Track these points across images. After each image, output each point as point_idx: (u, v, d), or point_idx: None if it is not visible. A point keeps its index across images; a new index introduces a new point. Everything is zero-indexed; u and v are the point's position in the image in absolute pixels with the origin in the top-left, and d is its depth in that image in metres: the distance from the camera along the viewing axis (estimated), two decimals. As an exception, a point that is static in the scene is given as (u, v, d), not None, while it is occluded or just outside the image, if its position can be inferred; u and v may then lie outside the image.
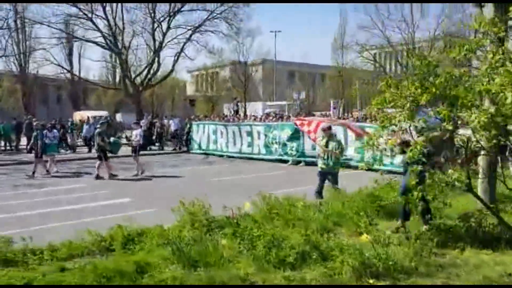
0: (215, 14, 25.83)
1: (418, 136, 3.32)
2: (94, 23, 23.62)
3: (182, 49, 26.17)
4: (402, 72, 44.61)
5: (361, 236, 4.34)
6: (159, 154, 19.29)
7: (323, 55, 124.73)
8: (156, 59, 25.75)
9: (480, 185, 6.27)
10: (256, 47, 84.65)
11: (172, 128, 20.77)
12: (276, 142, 15.22)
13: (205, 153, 17.98)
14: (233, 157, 16.68)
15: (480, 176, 5.88)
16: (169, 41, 25.64)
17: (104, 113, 35.21)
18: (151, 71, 26.39)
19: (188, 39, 26.02)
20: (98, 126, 13.64)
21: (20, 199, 8.91)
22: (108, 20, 24.06)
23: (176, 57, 26.42)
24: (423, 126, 3.17)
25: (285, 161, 14.68)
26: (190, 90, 66.64)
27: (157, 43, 25.86)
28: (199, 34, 26.48)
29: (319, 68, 57.62)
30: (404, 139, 4.51)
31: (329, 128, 7.99)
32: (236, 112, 30.24)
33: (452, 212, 5.49)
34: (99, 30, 23.95)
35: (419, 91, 2.89)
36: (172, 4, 25.21)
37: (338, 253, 4.22)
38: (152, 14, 25.70)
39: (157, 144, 20.93)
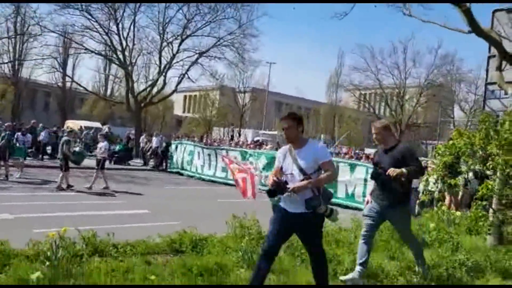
0: (223, 41, 26.81)
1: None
2: (110, 39, 24.24)
3: (187, 71, 26.91)
4: (390, 114, 46.56)
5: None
6: (137, 169, 19.66)
7: (314, 91, 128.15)
8: (162, 78, 26.37)
9: (493, 227, 7.06)
10: (255, 76, 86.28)
11: (154, 145, 20.87)
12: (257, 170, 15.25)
13: (179, 173, 18.16)
14: (206, 180, 16.79)
15: (492, 218, 6.66)
16: (177, 62, 26.37)
17: (97, 123, 35.49)
18: (155, 89, 26.95)
19: (194, 62, 26.80)
20: (66, 134, 13.71)
21: (45, 201, 9.30)
22: (120, 37, 24.74)
23: (180, 78, 27.10)
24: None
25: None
26: (177, 110, 67.27)
27: (163, 62, 26.59)
28: (205, 58, 27.30)
29: (309, 102, 59.30)
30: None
31: None
32: (232, 137, 30.88)
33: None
34: (112, 45, 24.53)
35: (486, 141, 3.63)
36: (183, 26, 26.09)
37: (381, 272, 4.93)
38: (162, 35, 26.52)
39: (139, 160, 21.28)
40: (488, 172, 3.88)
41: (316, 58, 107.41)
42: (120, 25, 24.64)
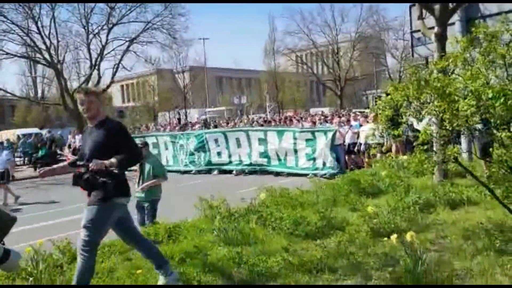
0: (151, 25, 26.18)
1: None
2: (32, 40, 22.96)
3: (120, 60, 26.16)
4: (328, 71, 47.90)
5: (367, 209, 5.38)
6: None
7: (252, 60, 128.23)
8: (96, 71, 25.50)
9: (436, 166, 7.72)
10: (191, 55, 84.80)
11: (77, 143, 19.00)
12: (183, 152, 15.35)
13: None
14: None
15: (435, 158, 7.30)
16: (108, 53, 25.54)
17: (34, 130, 33.85)
18: (90, 84, 25.99)
19: (126, 50, 26.08)
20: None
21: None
22: (41, 35, 23.48)
23: (114, 69, 26.32)
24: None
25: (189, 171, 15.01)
26: (117, 101, 65.25)
27: (93, 55, 25.67)
28: (138, 45, 26.63)
29: (249, 72, 59.55)
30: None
31: (144, 144, 6.82)
32: (179, 120, 30.62)
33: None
34: (35, 45, 23.27)
35: (420, 92, 4.02)
36: (107, 15, 25.15)
37: (346, 225, 5.37)
38: (86, 27, 25.46)
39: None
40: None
41: (248, 26, 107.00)
42: (39, 23, 23.40)
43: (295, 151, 12.71)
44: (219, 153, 14.42)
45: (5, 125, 44.51)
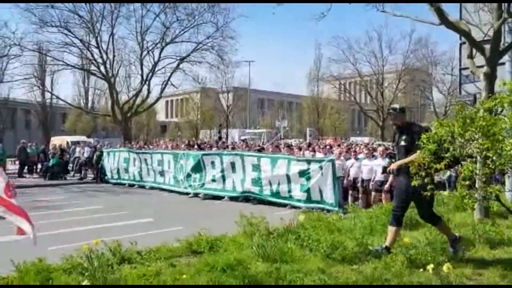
0: (202, 45, 27.23)
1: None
2: (91, 53, 24.46)
3: (170, 78, 27.26)
4: (372, 101, 47.63)
5: (404, 240, 5.48)
6: (75, 183, 18.69)
7: (295, 86, 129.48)
8: (146, 87, 26.67)
9: (477, 204, 7.68)
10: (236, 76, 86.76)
11: (85, 155, 19.87)
12: (182, 172, 14.57)
13: (116, 183, 17.32)
14: (144, 187, 16.18)
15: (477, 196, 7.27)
16: (159, 70, 26.71)
17: (83, 138, 35.47)
18: (139, 98, 27.22)
19: (176, 68, 27.15)
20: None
21: (46, 219, 9.65)
22: (99, 49, 24.95)
23: (163, 85, 27.44)
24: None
25: (183, 193, 14.34)
26: (160, 116, 67.26)
27: (145, 71, 26.90)
28: (187, 63, 27.69)
29: (291, 97, 60.13)
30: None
31: None
32: (220, 138, 31.26)
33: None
34: (94, 59, 24.73)
35: (465, 129, 4.17)
36: (162, 34, 26.41)
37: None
38: (141, 44, 26.79)
39: (77, 174, 20.15)
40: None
41: (294, 52, 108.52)
42: (99, 38, 24.88)
43: (289, 180, 11.73)
44: (213, 177, 13.49)
45: (56, 132, 46.84)
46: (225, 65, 29.66)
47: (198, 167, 13.93)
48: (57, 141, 32.30)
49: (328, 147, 14.92)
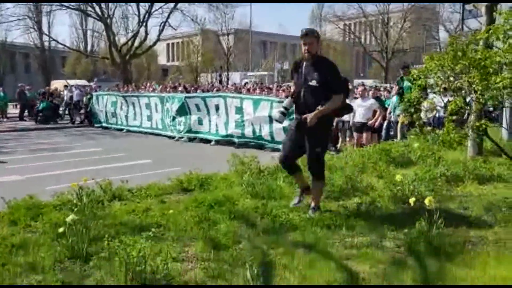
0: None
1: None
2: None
3: (167, 19, 26.52)
4: (376, 42, 46.47)
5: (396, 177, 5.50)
6: (65, 128, 18.56)
7: (298, 26, 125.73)
8: (143, 28, 26.02)
9: (470, 141, 7.66)
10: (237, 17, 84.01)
11: (74, 98, 19.54)
12: (168, 116, 14.26)
13: (105, 127, 17.12)
14: (132, 131, 15.86)
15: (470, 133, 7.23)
16: (156, 10, 25.91)
17: (83, 81, 35.15)
18: (137, 40, 26.65)
19: (174, 8, 26.32)
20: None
21: (47, 161, 9.75)
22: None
23: (161, 27, 26.76)
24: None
25: (171, 137, 14.11)
26: (161, 59, 66.21)
27: (142, 11, 26.12)
28: (184, 4, 26.81)
29: (294, 39, 58.59)
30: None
31: None
32: (220, 81, 30.92)
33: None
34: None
35: (455, 63, 4.04)
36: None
37: (370, 190, 5.54)
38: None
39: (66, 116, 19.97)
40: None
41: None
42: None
43: (271, 123, 11.25)
44: (200, 120, 13.24)
45: (56, 76, 46.38)
46: (224, 4, 28.67)
47: (182, 110, 13.63)
48: (57, 84, 32.10)
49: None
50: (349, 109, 4.92)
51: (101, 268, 3.16)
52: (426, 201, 3.95)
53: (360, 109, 10.54)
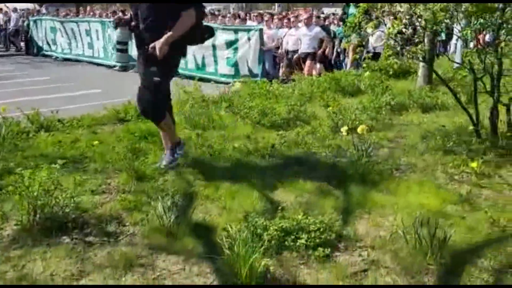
0: None
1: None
2: None
3: None
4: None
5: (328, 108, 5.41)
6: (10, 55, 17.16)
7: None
8: None
9: (420, 70, 7.61)
10: None
11: (11, 24, 17.82)
12: (110, 43, 13.10)
13: (43, 55, 16.10)
14: (72, 60, 14.82)
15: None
16: None
17: (30, 5, 32.38)
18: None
19: None
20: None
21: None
22: None
23: None
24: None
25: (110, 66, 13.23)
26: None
27: None
28: None
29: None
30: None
31: None
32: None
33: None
34: None
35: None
36: None
37: (314, 119, 5.46)
38: None
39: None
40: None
41: None
42: None
43: (214, 53, 10.60)
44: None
45: None
46: None
47: (124, 37, 12.20)
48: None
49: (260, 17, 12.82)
50: (208, 32, 3.87)
51: (4, 202, 2.99)
52: (359, 130, 3.89)
53: (305, 38, 10.04)
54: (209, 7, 21.55)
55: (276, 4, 35.95)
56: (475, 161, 3.78)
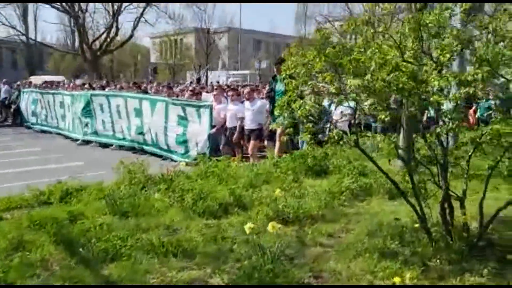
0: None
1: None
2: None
3: (142, 14, 25.81)
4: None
5: (275, 192, 4.78)
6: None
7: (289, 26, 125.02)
8: (115, 23, 25.32)
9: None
10: (219, 14, 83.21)
11: (2, 95, 18.18)
12: (78, 117, 12.80)
13: (27, 127, 16.18)
14: (48, 132, 14.81)
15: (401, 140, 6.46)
16: (127, 5, 25.19)
17: (60, 77, 34.31)
18: (110, 36, 25.94)
19: (148, 4, 25.61)
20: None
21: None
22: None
23: (135, 22, 26.04)
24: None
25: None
26: (153, 57, 65.39)
27: (115, 6, 25.38)
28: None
29: (286, 38, 57.67)
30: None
31: None
32: (198, 80, 30.13)
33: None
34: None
35: (316, 60, 3.31)
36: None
37: (256, 205, 4.81)
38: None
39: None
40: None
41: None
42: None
43: (166, 129, 9.93)
44: (103, 123, 11.80)
45: (43, 72, 45.45)
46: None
47: (88, 111, 12.21)
48: (34, 80, 31.32)
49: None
50: None
51: None
52: (269, 227, 3.27)
53: (249, 113, 9.11)
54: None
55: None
56: (411, 270, 3.05)
